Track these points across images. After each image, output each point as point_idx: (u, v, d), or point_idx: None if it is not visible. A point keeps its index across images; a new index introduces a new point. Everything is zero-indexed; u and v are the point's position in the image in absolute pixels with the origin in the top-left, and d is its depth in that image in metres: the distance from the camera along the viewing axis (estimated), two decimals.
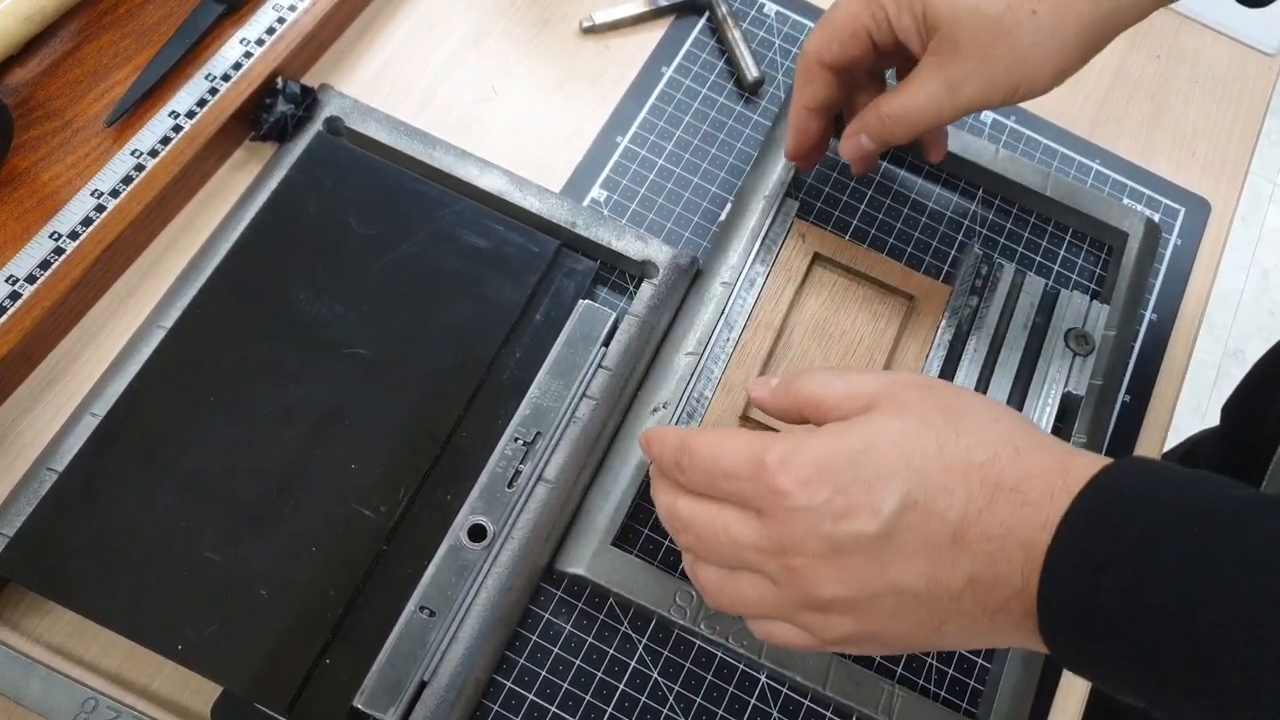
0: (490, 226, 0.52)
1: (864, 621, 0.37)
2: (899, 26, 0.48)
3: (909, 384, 0.39)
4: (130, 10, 0.57)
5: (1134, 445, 0.55)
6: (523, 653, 0.47)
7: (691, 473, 0.40)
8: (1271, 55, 0.68)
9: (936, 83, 0.47)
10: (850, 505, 0.35)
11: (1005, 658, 0.47)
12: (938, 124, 0.48)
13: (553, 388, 0.50)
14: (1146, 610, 0.31)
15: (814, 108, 0.52)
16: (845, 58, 0.50)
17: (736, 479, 0.38)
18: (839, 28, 0.50)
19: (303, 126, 0.54)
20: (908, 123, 0.48)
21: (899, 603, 0.36)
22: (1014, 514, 0.34)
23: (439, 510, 0.47)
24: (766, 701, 0.47)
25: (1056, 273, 0.59)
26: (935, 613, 0.36)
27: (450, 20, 0.61)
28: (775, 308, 0.52)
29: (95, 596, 0.44)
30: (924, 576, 0.35)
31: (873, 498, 0.35)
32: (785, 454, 0.37)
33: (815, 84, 0.51)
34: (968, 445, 0.36)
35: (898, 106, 0.48)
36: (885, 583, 0.36)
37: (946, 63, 0.46)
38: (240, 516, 0.45)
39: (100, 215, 0.51)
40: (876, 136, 0.50)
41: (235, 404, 0.47)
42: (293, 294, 0.50)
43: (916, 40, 0.48)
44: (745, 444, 0.38)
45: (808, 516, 0.36)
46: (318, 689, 0.43)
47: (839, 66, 0.50)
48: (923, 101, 0.48)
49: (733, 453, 0.39)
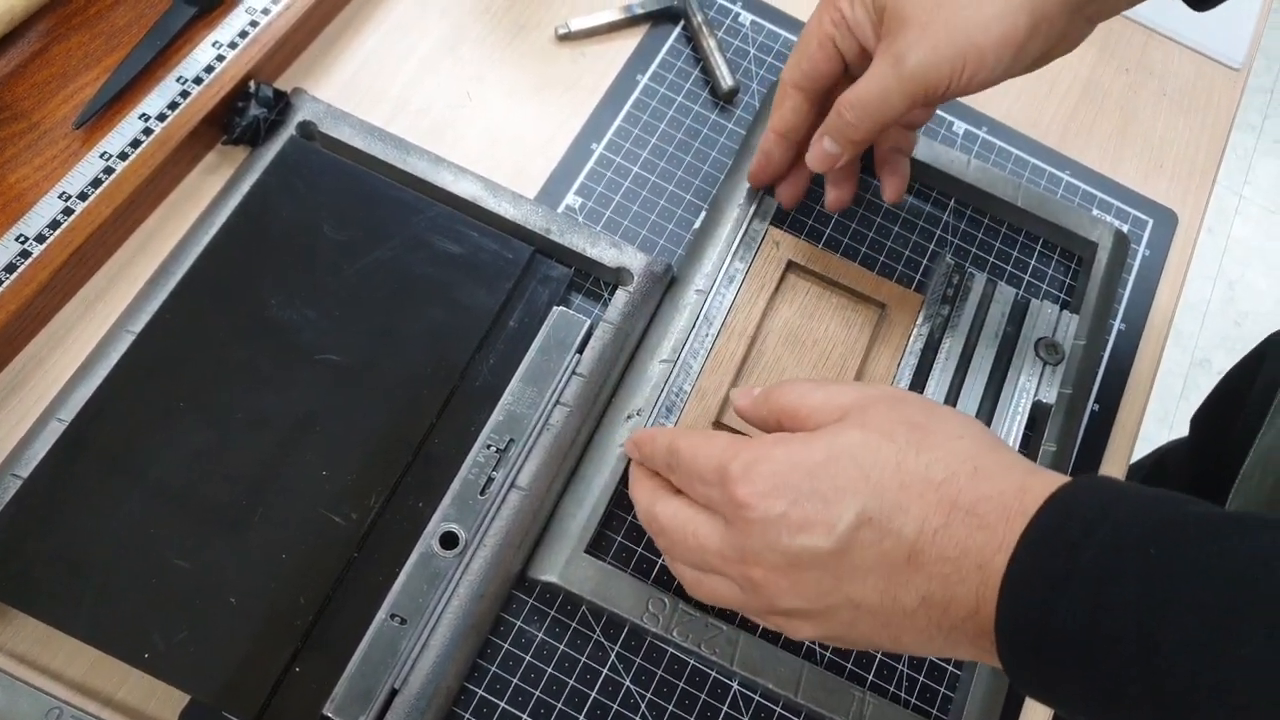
0: (464, 232, 0.52)
1: (825, 627, 0.38)
2: (854, 22, 0.47)
3: (879, 397, 0.39)
4: (100, 11, 0.56)
5: (1103, 454, 0.56)
6: (495, 660, 0.47)
7: (678, 473, 0.41)
8: (1237, 69, 0.69)
9: (885, 60, 0.46)
10: (806, 519, 0.36)
11: (975, 665, 0.48)
12: (889, 107, 0.46)
13: (526, 394, 0.49)
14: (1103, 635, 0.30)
15: (781, 132, 0.52)
16: (814, 74, 0.50)
17: (706, 484, 0.39)
18: (805, 43, 0.50)
19: (275, 131, 0.54)
20: (860, 108, 0.47)
21: (855, 615, 0.36)
22: (970, 536, 0.34)
23: (410, 517, 0.47)
24: (739, 709, 0.48)
25: (1027, 282, 0.59)
26: (891, 626, 0.36)
27: (425, 26, 0.61)
28: (749, 315, 0.52)
29: (60, 604, 0.43)
30: (879, 592, 0.35)
31: (829, 513, 0.35)
32: (748, 463, 0.37)
33: (785, 107, 0.51)
34: (927, 463, 0.36)
35: (850, 94, 0.47)
36: (840, 596, 0.36)
37: (892, 40, 0.45)
38: (210, 523, 0.45)
39: (68, 218, 0.50)
40: (838, 133, 0.48)
41: (205, 410, 0.47)
42: (264, 299, 0.49)
43: (871, 31, 0.47)
44: (718, 450, 0.39)
45: (765, 529, 0.36)
46: (287, 697, 0.43)
47: (809, 86, 0.50)
48: (870, 82, 0.46)
49: (706, 457, 0.39)
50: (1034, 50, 0.45)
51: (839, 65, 0.50)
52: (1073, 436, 0.54)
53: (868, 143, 0.49)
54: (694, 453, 0.40)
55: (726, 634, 0.46)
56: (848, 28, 0.48)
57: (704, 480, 0.39)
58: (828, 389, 0.40)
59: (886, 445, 0.36)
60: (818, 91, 0.51)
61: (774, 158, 0.53)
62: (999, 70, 0.45)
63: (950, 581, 0.34)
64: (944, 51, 0.44)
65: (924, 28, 0.44)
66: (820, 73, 0.50)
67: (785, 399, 0.40)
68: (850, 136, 0.48)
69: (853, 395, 0.39)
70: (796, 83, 0.50)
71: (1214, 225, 1.84)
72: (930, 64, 0.44)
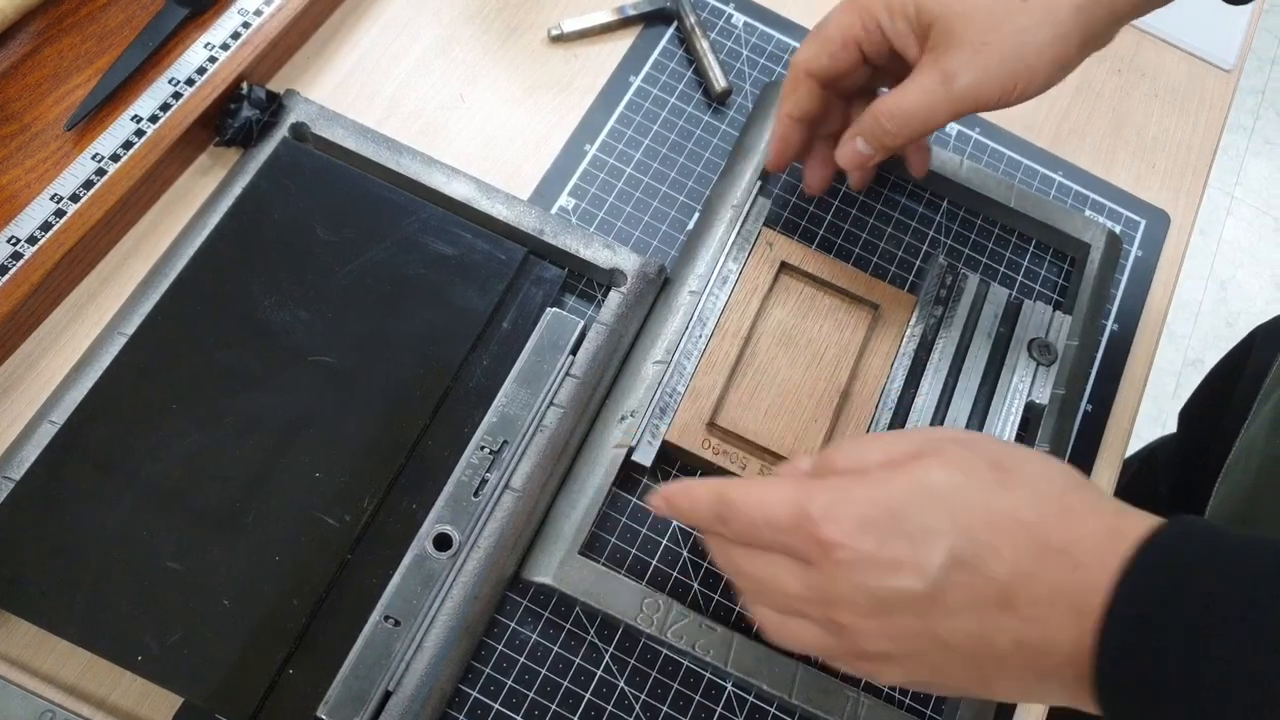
0: (457, 234, 0.52)
1: (913, 672, 0.36)
2: (894, 33, 0.48)
3: (951, 438, 0.37)
4: (92, 13, 0.56)
5: (1096, 454, 0.56)
6: (488, 662, 0.47)
7: (735, 525, 0.39)
8: (1229, 71, 0.69)
9: (931, 76, 0.46)
10: (895, 560, 0.34)
11: None
12: (933, 121, 0.47)
13: (520, 396, 0.49)
14: (1212, 684, 0.30)
15: (798, 117, 0.52)
16: (834, 69, 0.50)
17: (781, 530, 0.37)
18: (829, 38, 0.49)
19: (268, 132, 0.54)
20: (903, 119, 0.47)
21: (946, 659, 0.35)
22: (1064, 579, 0.33)
23: (404, 519, 0.47)
24: (733, 710, 0.48)
25: (1020, 283, 0.59)
26: (983, 670, 0.35)
27: (417, 27, 0.61)
28: (743, 315, 0.52)
29: (53, 608, 0.43)
30: (970, 636, 0.34)
31: (918, 554, 0.34)
32: (828, 504, 0.36)
33: (800, 93, 0.51)
34: (1015, 503, 0.34)
35: (892, 103, 0.47)
36: (931, 640, 0.35)
37: (941, 55, 0.46)
38: (203, 525, 0.45)
39: (60, 220, 0.50)
40: (873, 138, 0.49)
41: (198, 412, 0.47)
42: (257, 301, 0.49)
43: (913, 43, 0.47)
44: (790, 494, 0.37)
45: (853, 570, 0.35)
46: (280, 699, 0.43)
47: (827, 78, 0.50)
48: (917, 96, 0.47)
49: (776, 504, 0.37)
50: (1077, 64, 0.47)
51: (860, 65, 0.50)
52: (1066, 437, 0.54)
53: (902, 148, 0.50)
54: (758, 500, 0.38)
55: (721, 635, 0.46)
56: (882, 34, 0.48)
57: (775, 527, 0.37)
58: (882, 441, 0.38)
59: (972, 483, 0.35)
60: (834, 81, 0.51)
61: (791, 140, 0.53)
62: (1047, 86, 0.47)
63: (1046, 625, 0.33)
64: (997, 73, 0.45)
65: (978, 49, 0.45)
66: (840, 69, 0.50)
67: (842, 464, 0.38)
68: (886, 142, 0.49)
69: (916, 440, 0.37)
70: (812, 72, 0.50)
71: (1206, 226, 1.85)
72: (983, 84, 0.45)
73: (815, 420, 0.50)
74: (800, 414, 0.51)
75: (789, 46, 0.63)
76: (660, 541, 0.50)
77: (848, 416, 0.51)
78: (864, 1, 0.49)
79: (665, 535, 0.50)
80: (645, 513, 0.50)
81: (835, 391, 0.51)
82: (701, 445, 0.50)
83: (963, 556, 0.34)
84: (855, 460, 0.38)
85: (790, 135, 0.53)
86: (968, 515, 0.34)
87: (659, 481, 0.51)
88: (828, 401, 0.51)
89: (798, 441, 0.50)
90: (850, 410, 0.52)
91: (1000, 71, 0.45)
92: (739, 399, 0.51)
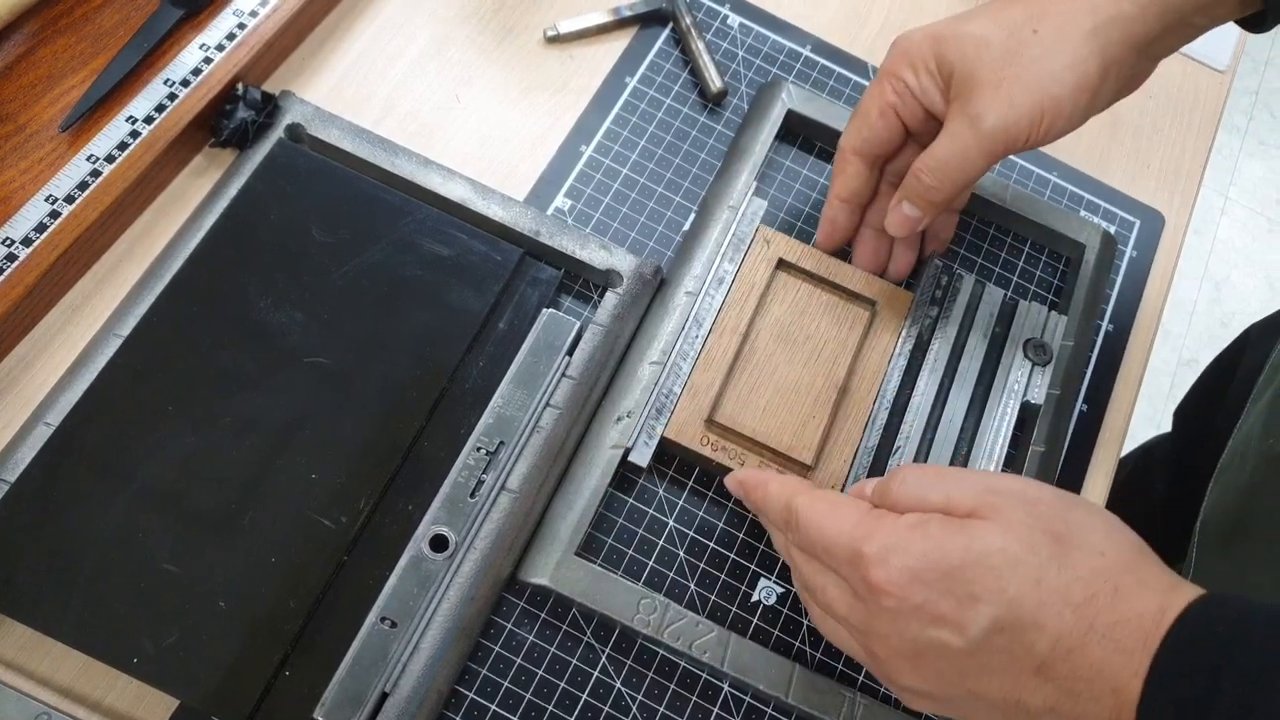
0: (453, 235, 0.52)
1: (943, 708, 0.38)
2: (920, 90, 0.48)
3: (1016, 495, 0.37)
4: (87, 14, 0.56)
5: (1091, 453, 0.56)
6: (485, 663, 0.47)
7: (797, 535, 0.41)
8: (1222, 72, 0.69)
9: (959, 122, 0.47)
10: (939, 615, 0.35)
11: None
12: (970, 167, 0.47)
13: (516, 397, 0.49)
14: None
15: (845, 198, 0.53)
16: (875, 141, 0.50)
17: (834, 559, 0.39)
18: (865, 112, 0.50)
19: (263, 133, 0.54)
20: (940, 170, 0.48)
21: (976, 705, 0.37)
22: (1105, 659, 0.34)
23: (400, 520, 0.47)
24: (729, 710, 0.48)
25: (1015, 283, 0.59)
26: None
27: (413, 28, 0.61)
28: (740, 313, 0.52)
29: (48, 610, 0.43)
30: (1003, 693, 0.35)
31: (963, 614, 0.35)
32: (884, 549, 0.37)
33: (847, 174, 0.52)
34: (1068, 582, 0.35)
35: (927, 156, 0.48)
36: (963, 689, 0.36)
37: (965, 100, 0.46)
38: (198, 527, 0.45)
39: (55, 221, 0.50)
40: (918, 198, 0.49)
41: (193, 413, 0.47)
42: (253, 302, 0.49)
43: (939, 96, 0.48)
44: (849, 526, 0.38)
45: (896, 616, 0.36)
46: (277, 701, 0.43)
47: (870, 152, 0.51)
48: (948, 143, 0.47)
49: (835, 534, 0.38)
50: (1108, 93, 0.47)
51: (901, 132, 0.51)
52: (1061, 437, 0.54)
53: (948, 204, 0.50)
54: (820, 525, 0.39)
55: (718, 635, 0.46)
56: (912, 96, 0.49)
57: (832, 555, 0.39)
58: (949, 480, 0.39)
59: (1028, 557, 0.35)
60: (878, 158, 0.52)
61: (839, 223, 0.54)
62: (1076, 117, 0.46)
63: (1082, 699, 0.34)
64: (1021, 106, 0.45)
65: (997, 86, 0.45)
66: (881, 140, 0.51)
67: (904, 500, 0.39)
68: (930, 199, 0.49)
69: (981, 485, 0.38)
70: (857, 149, 0.51)
71: (1200, 226, 1.85)
72: (1010, 120, 0.45)
73: (813, 417, 0.51)
74: (798, 410, 0.51)
75: (784, 48, 0.64)
76: (657, 542, 0.50)
77: (845, 413, 0.51)
78: (889, 67, 0.50)
79: (662, 536, 0.50)
80: (641, 513, 0.50)
81: (833, 388, 0.51)
82: (700, 442, 0.50)
83: (1005, 624, 0.35)
84: (916, 498, 0.39)
85: (839, 217, 0.53)
86: (1018, 589, 0.35)
87: (655, 483, 0.51)
88: (826, 398, 0.51)
89: (795, 438, 0.50)
90: (848, 407, 0.52)
91: (1024, 104, 0.45)
92: (737, 395, 0.51)
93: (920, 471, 0.40)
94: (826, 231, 0.54)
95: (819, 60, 0.64)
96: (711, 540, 0.50)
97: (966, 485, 0.38)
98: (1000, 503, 0.37)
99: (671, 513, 0.51)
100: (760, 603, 0.50)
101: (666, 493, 0.51)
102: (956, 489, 0.38)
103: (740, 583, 0.50)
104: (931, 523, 0.37)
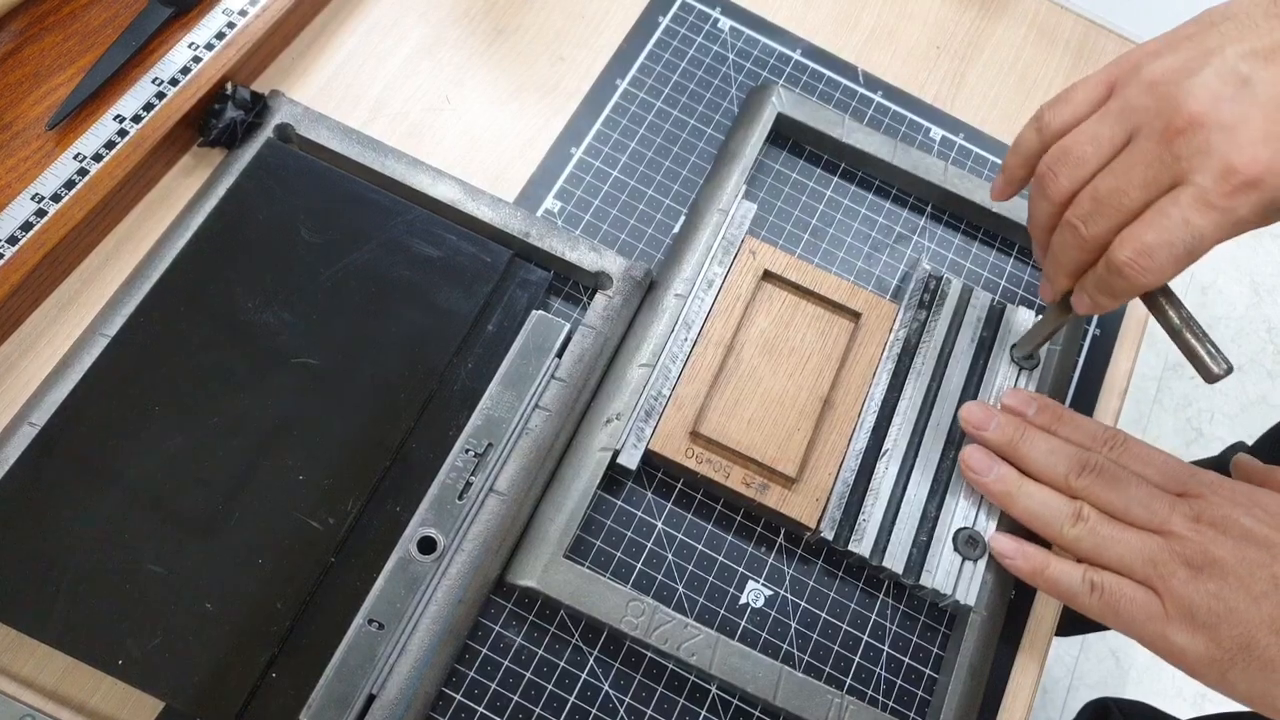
0: (442, 236, 0.52)
1: (1225, 594, 0.42)
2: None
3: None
4: (74, 12, 0.56)
5: None
6: (472, 665, 0.47)
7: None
8: None
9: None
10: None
11: (952, 669, 0.48)
12: (1200, 250, 0.41)
13: (505, 399, 0.49)
14: None
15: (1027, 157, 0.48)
16: (1066, 129, 0.46)
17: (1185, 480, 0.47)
18: (1077, 107, 0.46)
19: (252, 133, 0.54)
20: (1163, 256, 0.41)
21: (1267, 589, 0.41)
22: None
23: (388, 522, 0.47)
24: (717, 713, 0.48)
25: (1003, 288, 0.59)
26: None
27: (403, 29, 0.61)
28: (726, 324, 0.52)
29: (32, 611, 0.43)
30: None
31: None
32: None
33: (1032, 143, 0.47)
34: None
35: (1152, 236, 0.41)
36: (1269, 573, 0.41)
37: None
38: (185, 528, 0.45)
39: (41, 220, 0.50)
40: (1119, 290, 0.43)
41: (180, 414, 0.47)
42: (240, 302, 0.49)
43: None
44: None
45: (1233, 506, 0.44)
46: (263, 704, 0.43)
47: (1061, 134, 0.46)
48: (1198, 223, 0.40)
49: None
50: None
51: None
52: None
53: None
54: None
55: (705, 638, 0.46)
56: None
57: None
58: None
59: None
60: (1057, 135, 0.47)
61: (1016, 181, 0.49)
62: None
63: None
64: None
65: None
66: (1070, 126, 0.46)
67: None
68: (1134, 290, 0.44)
69: None
70: (1056, 130, 0.46)
71: None
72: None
73: (798, 429, 0.51)
74: (783, 422, 0.51)
75: (774, 51, 0.64)
76: (645, 545, 0.50)
77: (830, 425, 0.52)
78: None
79: (650, 538, 0.50)
80: (630, 516, 0.50)
81: (818, 400, 0.51)
82: (685, 454, 0.50)
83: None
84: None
85: (1015, 174, 0.49)
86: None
87: (644, 485, 0.51)
88: (810, 410, 0.51)
89: (780, 450, 0.50)
90: (833, 419, 0.52)
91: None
92: (722, 408, 0.51)
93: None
94: (1003, 190, 0.50)
95: (809, 64, 0.64)
96: (700, 543, 0.50)
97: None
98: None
99: (660, 515, 0.51)
100: (748, 605, 0.50)
101: (655, 495, 0.51)
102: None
103: (728, 585, 0.50)
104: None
